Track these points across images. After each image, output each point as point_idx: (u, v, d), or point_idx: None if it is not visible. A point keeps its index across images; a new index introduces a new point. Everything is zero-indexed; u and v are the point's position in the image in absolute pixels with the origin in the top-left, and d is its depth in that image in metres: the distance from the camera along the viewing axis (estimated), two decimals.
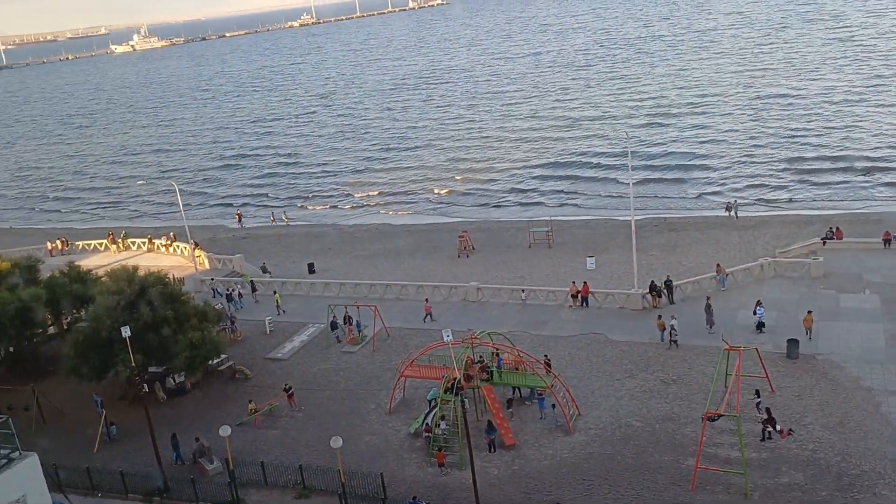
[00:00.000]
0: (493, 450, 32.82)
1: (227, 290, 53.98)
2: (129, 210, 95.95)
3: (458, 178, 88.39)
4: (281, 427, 37.06)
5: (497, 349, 36.74)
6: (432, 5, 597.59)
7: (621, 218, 63.66)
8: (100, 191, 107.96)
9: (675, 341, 39.51)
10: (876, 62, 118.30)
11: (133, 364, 34.35)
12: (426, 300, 47.81)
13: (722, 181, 74.57)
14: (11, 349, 44.08)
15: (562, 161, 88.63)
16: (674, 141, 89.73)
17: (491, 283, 50.34)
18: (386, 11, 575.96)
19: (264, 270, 59.84)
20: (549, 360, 37.50)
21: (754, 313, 40.12)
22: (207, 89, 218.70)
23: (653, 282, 45.49)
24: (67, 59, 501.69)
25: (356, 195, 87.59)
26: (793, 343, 37.28)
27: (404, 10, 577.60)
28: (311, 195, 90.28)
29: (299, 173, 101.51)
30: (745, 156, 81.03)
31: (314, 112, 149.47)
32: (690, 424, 32.45)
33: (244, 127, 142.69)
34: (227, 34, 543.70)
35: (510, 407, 35.26)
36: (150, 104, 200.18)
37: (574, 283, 46.94)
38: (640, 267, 46.56)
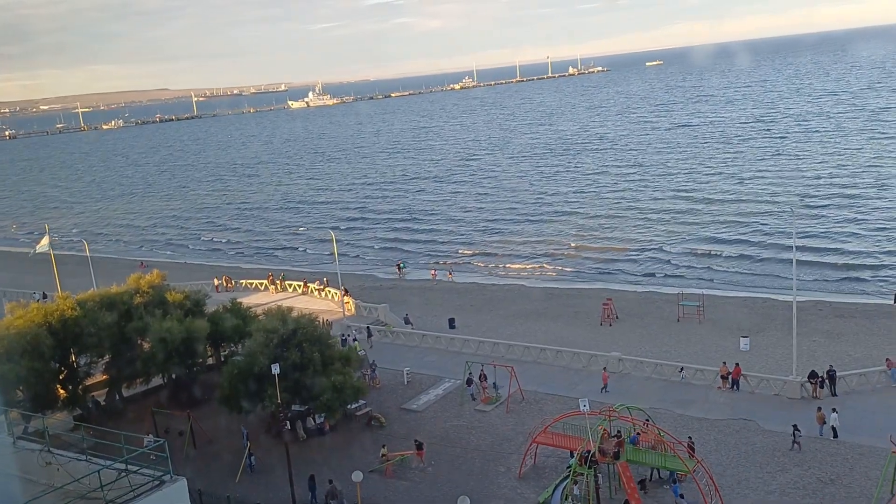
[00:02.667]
0: None
1: (342, 334, 55.45)
2: (289, 253, 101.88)
3: (605, 244, 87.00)
4: (410, 479, 37.26)
5: (634, 423, 35.24)
6: (591, 72, 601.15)
7: (781, 298, 59.89)
8: (264, 234, 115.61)
9: (835, 432, 36.44)
10: None
11: (279, 401, 35.96)
12: (604, 369, 46.05)
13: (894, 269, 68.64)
14: (174, 376, 47.43)
15: (717, 236, 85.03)
16: (842, 224, 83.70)
17: (634, 355, 48.67)
18: (545, 77, 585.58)
19: (406, 321, 61.28)
20: (692, 442, 35.44)
21: None
22: (365, 146, 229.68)
23: (813, 370, 42.24)
24: (249, 111, 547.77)
25: (501, 256, 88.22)
26: None
27: (563, 75, 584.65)
28: (456, 254, 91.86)
29: (446, 231, 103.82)
30: None
31: (462, 172, 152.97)
32: None
33: (396, 183, 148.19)
34: (393, 94, 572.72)
35: (644, 489, 33.53)
36: (313, 158, 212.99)
37: (725, 363, 44.42)
38: (800, 352, 43.41)
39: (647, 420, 35.47)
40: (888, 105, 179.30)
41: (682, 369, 45.32)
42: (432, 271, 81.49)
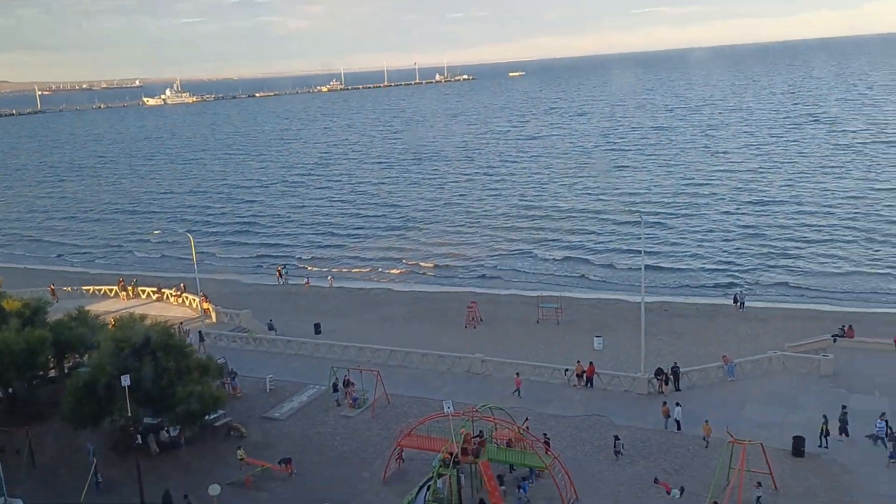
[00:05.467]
0: None
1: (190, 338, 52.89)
2: (141, 258, 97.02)
3: (469, 248, 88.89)
4: (271, 489, 36.35)
5: (496, 422, 36.14)
6: (458, 80, 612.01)
7: (631, 299, 63.44)
8: (112, 237, 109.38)
9: (679, 425, 39.12)
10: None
11: (129, 414, 34.05)
12: (517, 374, 45.84)
13: (730, 271, 74.46)
14: (10, 390, 43.83)
15: (573, 240, 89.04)
16: (682, 231, 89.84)
17: (497, 357, 49.89)
18: (413, 83, 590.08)
19: (270, 328, 59.82)
20: (548, 439, 36.83)
21: (889, 429, 36.60)
22: (223, 147, 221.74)
23: (660, 368, 45.05)
24: (100, 107, 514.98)
25: (370, 258, 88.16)
26: (798, 440, 36.51)
27: (430, 82, 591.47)
28: (320, 257, 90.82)
29: (307, 235, 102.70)
30: (755, 246, 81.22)
31: (325, 177, 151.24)
32: None
33: (253, 188, 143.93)
34: (258, 94, 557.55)
35: (502, 484, 34.40)
36: (166, 158, 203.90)
37: (580, 362, 46.50)
38: (647, 351, 46.11)
39: (503, 411, 36.50)
40: (723, 122, 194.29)
41: (566, 371, 46.53)
42: (306, 281, 78.84)
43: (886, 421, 36.40)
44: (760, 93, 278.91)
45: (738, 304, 61.49)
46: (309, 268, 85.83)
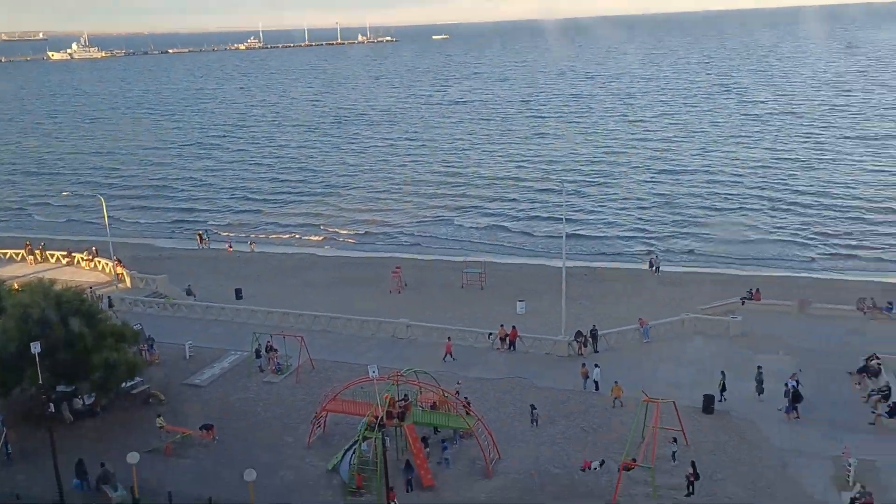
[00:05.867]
0: (410, 489, 32.48)
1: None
2: (43, 221, 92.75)
3: (391, 214, 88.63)
4: (193, 456, 35.78)
5: (420, 386, 36.54)
6: (381, 41, 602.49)
7: (553, 264, 64.69)
8: (17, 200, 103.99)
9: (597, 385, 40.46)
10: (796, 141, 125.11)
11: (40, 382, 32.70)
12: (448, 339, 45.99)
13: (645, 238, 76.95)
14: None
15: (494, 207, 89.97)
16: (602, 198, 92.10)
17: (421, 321, 50.16)
18: (335, 43, 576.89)
19: (189, 293, 58.32)
20: (468, 402, 37.39)
21: (785, 385, 38.46)
22: (132, 106, 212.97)
23: (579, 330, 46.31)
24: (0, 61, 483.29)
25: (291, 223, 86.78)
26: (708, 398, 38.35)
27: (353, 43, 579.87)
28: (237, 222, 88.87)
29: (223, 199, 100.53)
30: (669, 213, 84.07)
31: (238, 138, 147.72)
32: (607, 474, 32.82)
33: (167, 149, 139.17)
34: (171, 50, 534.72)
35: (426, 446, 34.88)
36: (72, 117, 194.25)
37: (503, 326, 47.28)
38: (568, 314, 47.25)
39: (428, 374, 36.92)
40: (640, 90, 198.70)
41: (490, 335, 47.09)
42: (228, 245, 77.04)
43: (798, 381, 38.46)
44: (677, 63, 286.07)
45: (654, 268, 63.69)
46: (225, 233, 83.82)
